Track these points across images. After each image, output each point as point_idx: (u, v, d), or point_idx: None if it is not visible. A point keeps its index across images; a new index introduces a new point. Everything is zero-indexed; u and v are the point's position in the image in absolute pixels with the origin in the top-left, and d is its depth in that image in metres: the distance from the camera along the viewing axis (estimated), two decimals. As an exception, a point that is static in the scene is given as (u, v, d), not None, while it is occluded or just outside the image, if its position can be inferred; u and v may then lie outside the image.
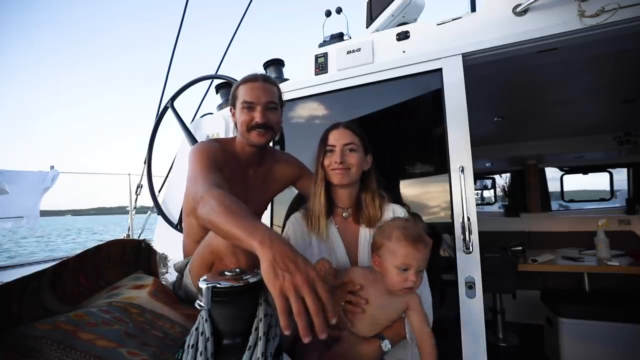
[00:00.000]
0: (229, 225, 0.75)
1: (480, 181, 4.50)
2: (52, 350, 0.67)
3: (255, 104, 1.15)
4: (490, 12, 1.47)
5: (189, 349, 0.66)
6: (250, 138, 1.17)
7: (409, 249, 0.89)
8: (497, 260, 2.42)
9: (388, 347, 0.94)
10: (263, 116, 1.15)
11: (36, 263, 2.78)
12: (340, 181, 1.08)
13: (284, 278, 0.62)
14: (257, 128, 1.15)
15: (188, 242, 1.27)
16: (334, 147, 1.10)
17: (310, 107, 1.86)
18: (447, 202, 1.41)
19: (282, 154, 1.57)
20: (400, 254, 0.90)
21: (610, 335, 2.14)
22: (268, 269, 0.64)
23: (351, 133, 1.11)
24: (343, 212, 1.14)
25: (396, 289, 0.92)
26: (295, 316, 0.60)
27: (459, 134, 1.41)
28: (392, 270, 0.91)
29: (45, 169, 3.58)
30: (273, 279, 0.63)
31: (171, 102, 2.17)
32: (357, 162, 1.09)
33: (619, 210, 3.56)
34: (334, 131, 1.12)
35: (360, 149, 1.11)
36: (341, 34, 1.90)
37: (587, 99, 2.49)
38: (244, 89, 1.18)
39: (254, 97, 1.15)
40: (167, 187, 2.36)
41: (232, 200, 0.81)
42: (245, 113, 1.16)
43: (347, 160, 1.08)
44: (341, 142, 1.10)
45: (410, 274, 0.89)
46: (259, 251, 0.67)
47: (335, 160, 1.08)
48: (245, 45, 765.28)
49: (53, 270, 0.87)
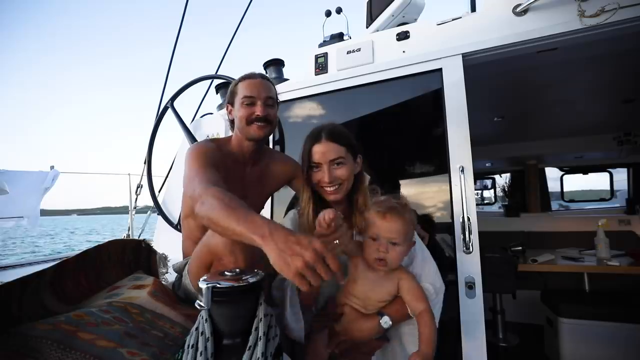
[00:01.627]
0: (228, 222, 0.76)
1: (480, 181, 4.49)
2: (52, 350, 0.67)
3: (255, 98, 1.17)
4: (490, 12, 1.47)
5: (189, 349, 0.66)
6: (251, 131, 1.18)
7: (377, 219, 0.93)
8: (497, 260, 2.41)
9: (388, 323, 0.95)
10: (263, 109, 1.17)
11: (36, 263, 2.77)
12: (335, 199, 1.06)
13: (295, 261, 0.66)
14: (258, 121, 1.16)
15: (187, 244, 1.27)
16: (320, 164, 1.05)
17: (311, 107, 1.86)
18: (447, 202, 1.41)
19: (277, 153, 1.57)
20: (370, 223, 0.94)
21: (610, 335, 2.14)
22: (278, 259, 0.67)
23: (336, 145, 1.05)
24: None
25: (370, 261, 0.94)
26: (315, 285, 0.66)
27: (459, 134, 1.41)
28: (366, 242, 0.95)
29: (45, 169, 3.58)
30: (286, 266, 0.66)
31: (171, 102, 2.17)
32: (348, 174, 1.06)
33: (619, 210, 3.55)
34: (317, 145, 1.06)
35: (348, 158, 1.07)
36: (341, 34, 1.90)
37: (587, 99, 2.49)
38: (243, 85, 1.19)
39: (255, 92, 1.18)
40: (167, 187, 2.35)
41: (230, 197, 0.82)
42: (246, 107, 1.17)
43: (337, 175, 1.04)
44: (327, 159, 1.04)
45: (381, 244, 0.91)
46: (262, 246, 0.70)
47: (324, 179, 1.04)
48: (246, 45, 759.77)
49: (53, 270, 0.88)
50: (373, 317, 0.96)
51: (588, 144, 3.41)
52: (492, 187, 4.56)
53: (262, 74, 1.24)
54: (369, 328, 0.96)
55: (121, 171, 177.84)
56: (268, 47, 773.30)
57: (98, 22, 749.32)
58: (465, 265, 1.34)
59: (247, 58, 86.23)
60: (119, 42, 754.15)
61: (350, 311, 0.97)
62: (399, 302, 0.97)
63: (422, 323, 0.92)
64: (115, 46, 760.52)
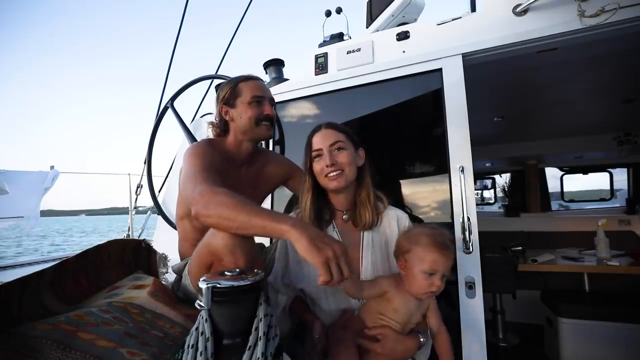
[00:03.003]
0: (249, 215, 0.78)
1: (480, 181, 4.50)
2: (52, 350, 0.67)
3: (264, 98, 1.19)
4: (490, 12, 1.47)
5: (189, 349, 0.66)
6: (260, 131, 1.19)
7: (436, 255, 0.92)
8: (497, 260, 2.41)
9: (423, 338, 0.99)
10: (271, 109, 1.19)
11: (36, 263, 2.77)
12: (337, 186, 1.04)
13: (326, 250, 0.71)
14: (266, 121, 1.18)
15: (184, 245, 1.26)
16: (321, 149, 1.06)
17: (311, 107, 1.86)
18: (447, 202, 1.41)
19: (272, 153, 1.57)
20: (428, 259, 0.92)
21: (610, 335, 2.14)
22: (310, 246, 0.71)
23: (334, 131, 1.08)
24: (343, 215, 1.11)
25: (421, 293, 0.95)
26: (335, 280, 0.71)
27: (459, 134, 1.41)
28: (418, 274, 0.93)
29: (45, 169, 3.58)
30: (317, 252, 0.71)
31: (171, 102, 2.17)
32: (349, 160, 1.05)
33: (619, 210, 3.56)
34: (317, 134, 1.09)
35: (348, 145, 1.07)
36: (341, 34, 1.90)
37: (587, 99, 2.49)
38: (248, 86, 1.19)
39: (262, 92, 1.19)
40: (167, 187, 2.35)
41: (239, 195, 0.84)
42: (255, 107, 1.17)
43: (337, 160, 1.04)
44: (327, 143, 1.05)
45: (436, 278, 0.93)
46: (292, 233, 0.74)
47: (325, 164, 1.04)
48: (246, 45, 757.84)
49: (53, 270, 0.87)
50: (414, 336, 0.99)
51: (588, 144, 3.41)
52: (492, 187, 4.56)
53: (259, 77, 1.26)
54: (414, 347, 0.98)
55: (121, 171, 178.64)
56: (268, 47, 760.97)
57: (98, 22, 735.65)
58: (465, 265, 1.34)
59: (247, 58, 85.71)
60: (118, 42, 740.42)
61: (390, 333, 0.98)
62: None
63: (443, 339, 1.01)
64: (115, 46, 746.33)
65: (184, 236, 1.26)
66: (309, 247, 0.71)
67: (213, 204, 0.83)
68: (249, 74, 1.25)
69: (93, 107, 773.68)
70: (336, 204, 1.12)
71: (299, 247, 0.72)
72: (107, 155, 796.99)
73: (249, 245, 0.88)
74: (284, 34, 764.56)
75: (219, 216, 0.81)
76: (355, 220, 1.09)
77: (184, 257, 1.22)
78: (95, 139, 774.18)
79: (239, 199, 0.82)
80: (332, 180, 1.04)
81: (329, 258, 0.70)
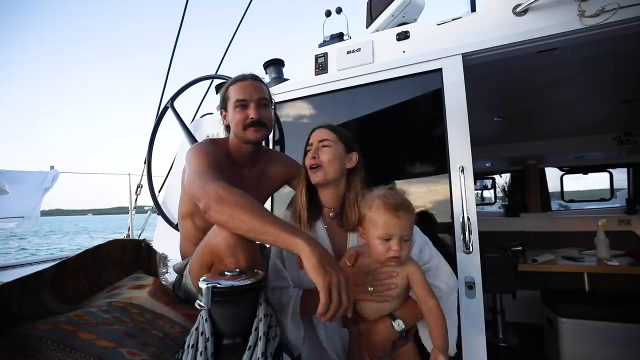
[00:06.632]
0: (263, 222, 0.79)
1: (480, 181, 4.49)
2: (52, 350, 0.67)
3: (248, 101, 1.16)
4: (490, 12, 1.47)
5: (189, 349, 0.66)
6: (248, 136, 1.16)
7: (389, 217, 0.87)
8: (497, 260, 2.41)
9: (401, 326, 0.92)
10: (257, 112, 1.15)
11: (36, 263, 2.77)
12: (316, 181, 1.08)
13: (331, 274, 0.72)
14: (253, 125, 1.15)
15: (185, 244, 1.26)
16: (312, 144, 1.11)
17: (311, 107, 1.86)
18: (447, 202, 1.40)
19: (276, 153, 1.56)
20: (381, 222, 0.88)
21: (610, 335, 2.14)
22: (318, 265, 0.72)
23: (327, 130, 1.12)
24: (330, 212, 1.12)
25: (382, 260, 0.90)
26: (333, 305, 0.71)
27: (459, 134, 1.41)
28: (375, 241, 0.89)
29: (45, 169, 3.58)
30: (323, 274, 0.71)
31: (171, 102, 2.17)
32: (329, 158, 1.07)
33: (619, 210, 3.55)
34: (315, 131, 1.15)
35: (336, 145, 1.09)
36: (341, 34, 1.90)
37: (587, 99, 2.48)
38: (235, 89, 1.18)
39: (247, 95, 1.16)
40: (167, 187, 2.35)
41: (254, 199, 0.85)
42: (239, 111, 1.16)
43: (319, 156, 1.08)
44: (317, 139, 1.11)
45: (393, 243, 0.87)
46: (305, 249, 0.74)
47: (310, 157, 1.09)
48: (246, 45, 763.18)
49: (53, 270, 0.87)
50: (385, 320, 0.93)
51: (588, 144, 3.41)
52: (492, 187, 4.56)
53: (253, 75, 1.22)
54: (383, 332, 0.93)
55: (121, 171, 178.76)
56: (268, 47, 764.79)
57: (98, 22, 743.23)
58: (465, 265, 1.34)
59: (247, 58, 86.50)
60: (119, 42, 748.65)
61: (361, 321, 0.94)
62: (410, 304, 0.95)
63: (435, 317, 0.87)
64: (115, 46, 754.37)
65: (185, 235, 1.26)
66: (318, 267, 0.72)
67: (228, 201, 0.83)
68: (242, 73, 1.22)
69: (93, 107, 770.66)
70: (323, 200, 1.13)
71: (308, 265, 0.73)
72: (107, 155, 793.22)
73: (251, 246, 0.88)
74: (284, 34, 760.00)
75: (231, 215, 0.81)
76: (341, 220, 1.09)
77: (185, 256, 1.22)
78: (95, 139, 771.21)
79: (254, 203, 0.83)
80: (312, 173, 1.09)
81: (332, 282, 0.71)
